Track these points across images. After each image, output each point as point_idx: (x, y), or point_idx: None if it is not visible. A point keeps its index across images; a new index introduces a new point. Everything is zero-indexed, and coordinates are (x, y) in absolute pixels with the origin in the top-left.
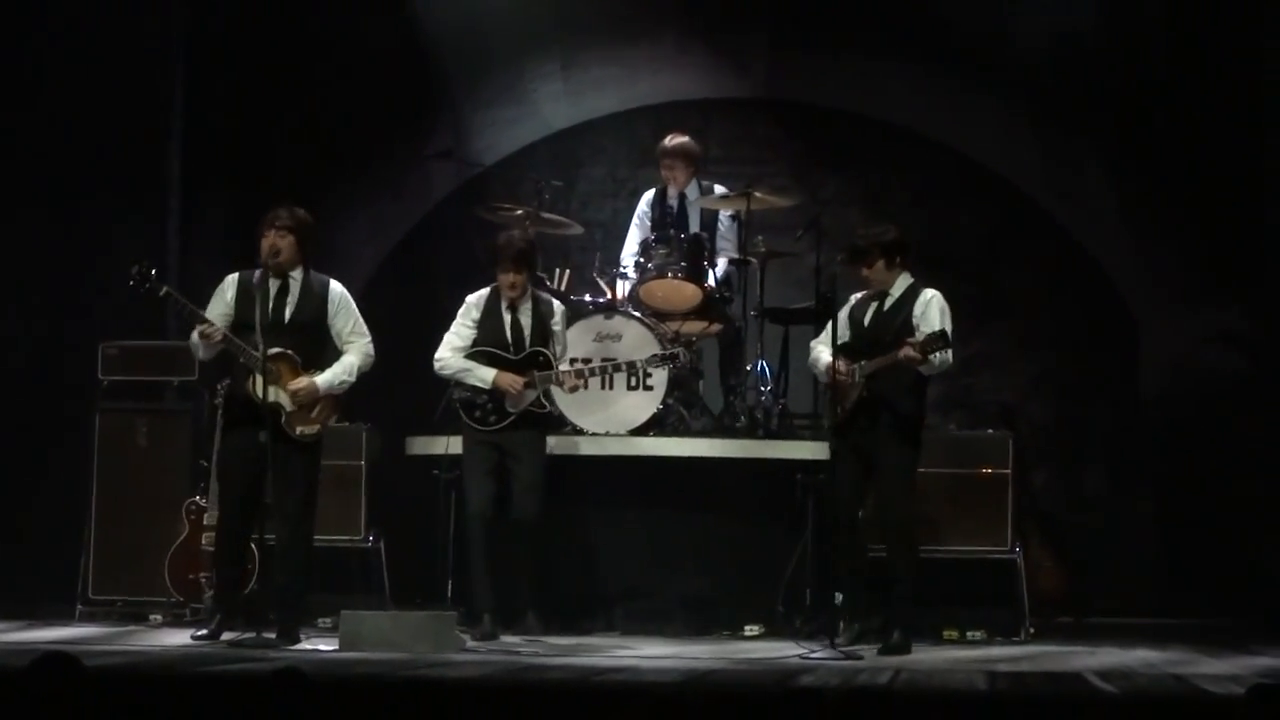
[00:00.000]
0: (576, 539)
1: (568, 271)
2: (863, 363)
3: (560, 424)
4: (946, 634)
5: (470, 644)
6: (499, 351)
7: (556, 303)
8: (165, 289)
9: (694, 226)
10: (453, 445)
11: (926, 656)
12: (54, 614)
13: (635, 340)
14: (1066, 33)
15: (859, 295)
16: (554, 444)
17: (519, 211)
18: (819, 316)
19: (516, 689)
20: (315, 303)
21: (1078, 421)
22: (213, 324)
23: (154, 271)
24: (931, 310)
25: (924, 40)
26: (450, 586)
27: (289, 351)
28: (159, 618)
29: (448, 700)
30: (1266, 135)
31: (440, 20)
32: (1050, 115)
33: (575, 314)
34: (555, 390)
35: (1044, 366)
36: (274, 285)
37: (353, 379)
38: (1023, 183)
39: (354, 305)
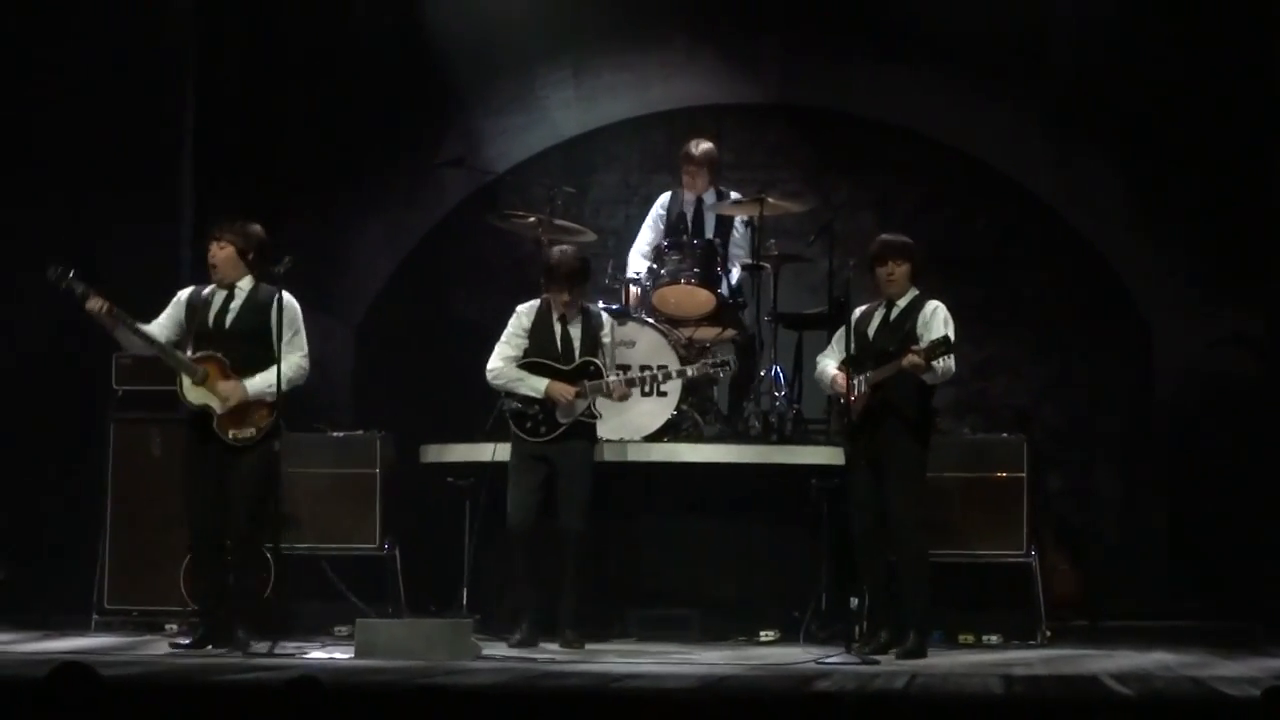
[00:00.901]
0: (592, 545)
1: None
2: (868, 374)
3: None
4: (962, 638)
5: (508, 649)
6: (550, 362)
7: (606, 315)
8: (82, 288)
9: (709, 232)
10: (479, 454)
11: (942, 660)
12: (70, 624)
13: (649, 346)
14: (1078, 36)
15: (863, 308)
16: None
17: (531, 219)
18: (832, 321)
19: (533, 696)
20: (258, 313)
21: (1092, 425)
22: (101, 300)
23: (71, 272)
24: (935, 320)
25: (936, 44)
26: (465, 594)
27: (217, 354)
28: (175, 627)
29: (464, 708)
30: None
31: (451, 28)
32: (1062, 118)
33: None
34: (601, 400)
35: (1058, 370)
36: (221, 295)
37: (284, 388)
38: (1035, 186)
39: (298, 319)
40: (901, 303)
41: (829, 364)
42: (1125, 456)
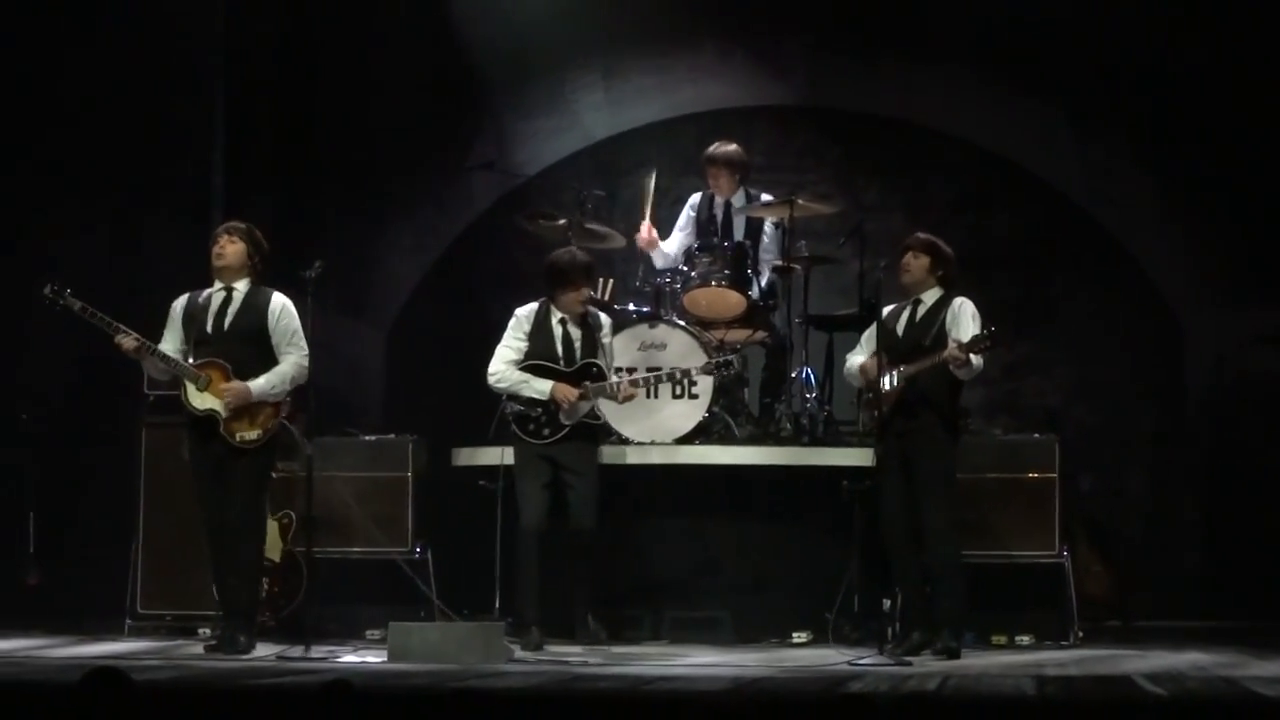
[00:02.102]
0: (624, 548)
1: (611, 281)
2: (901, 368)
3: (606, 433)
4: (995, 638)
5: (519, 654)
6: (551, 364)
7: (604, 316)
8: (80, 304)
9: (739, 235)
10: (505, 457)
11: (975, 661)
12: (103, 629)
13: (680, 349)
14: (1107, 34)
15: (891, 306)
16: (600, 453)
17: (561, 221)
18: (862, 323)
19: (565, 699)
20: (256, 313)
21: (1124, 425)
22: (128, 332)
23: (68, 290)
24: (963, 315)
25: (964, 44)
26: (498, 597)
27: (218, 359)
28: (207, 631)
29: (497, 711)
30: None
31: (482, 32)
32: (1092, 118)
33: (619, 323)
34: (604, 401)
35: (1089, 370)
36: (219, 298)
37: (287, 387)
38: (1065, 186)
39: (295, 318)
40: (928, 299)
41: (858, 358)
42: (1157, 456)
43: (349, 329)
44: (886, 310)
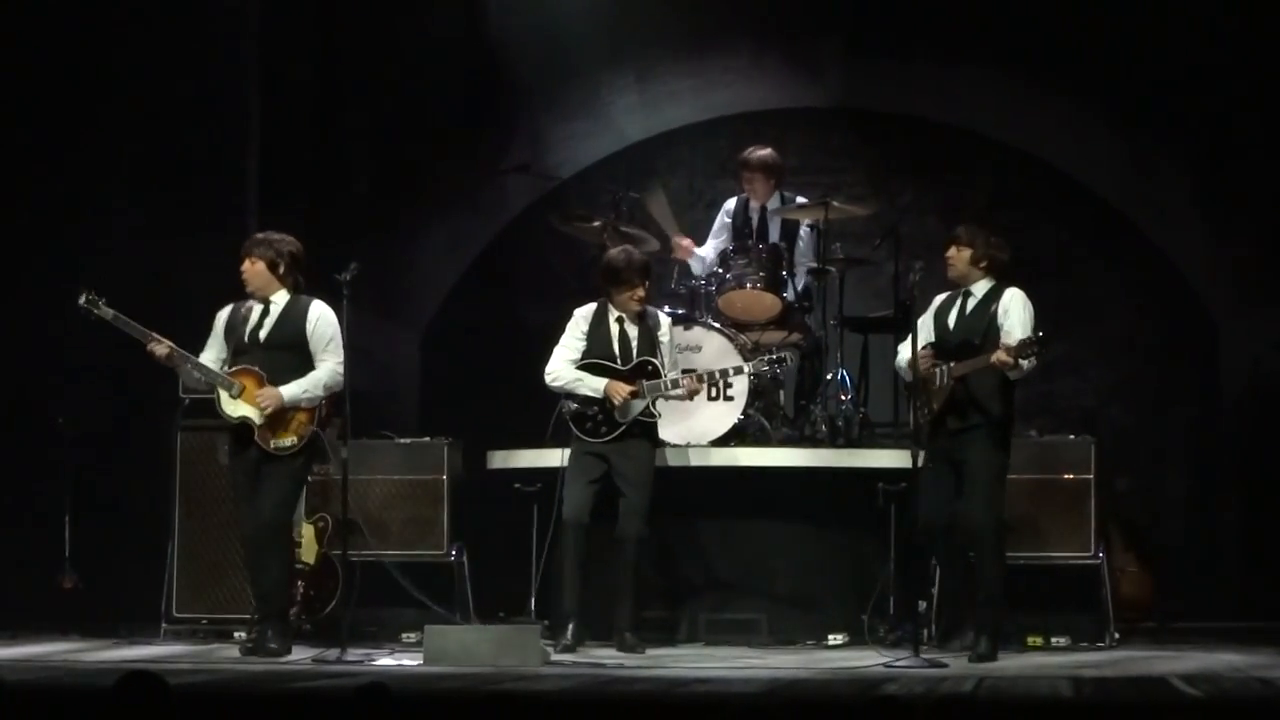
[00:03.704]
0: (660, 549)
1: (646, 282)
2: (951, 364)
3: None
4: (1031, 640)
5: (554, 655)
6: (607, 363)
7: (664, 316)
8: (113, 313)
9: (774, 237)
10: (547, 459)
11: (1011, 663)
12: (138, 633)
13: (715, 351)
14: (1143, 35)
15: (943, 296)
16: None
17: (596, 223)
18: (898, 325)
19: (602, 702)
20: (294, 323)
21: (1159, 425)
22: (160, 340)
23: (102, 300)
24: (1015, 306)
25: (998, 46)
26: (533, 600)
27: (252, 367)
28: (243, 635)
29: (532, 714)
30: None
31: (517, 34)
32: (1127, 119)
33: None
34: (661, 401)
35: (1125, 371)
36: (258, 310)
37: (320, 393)
38: (1100, 187)
39: (333, 325)
40: (978, 292)
41: (904, 350)
42: (1193, 457)
43: (384, 331)
44: (940, 299)
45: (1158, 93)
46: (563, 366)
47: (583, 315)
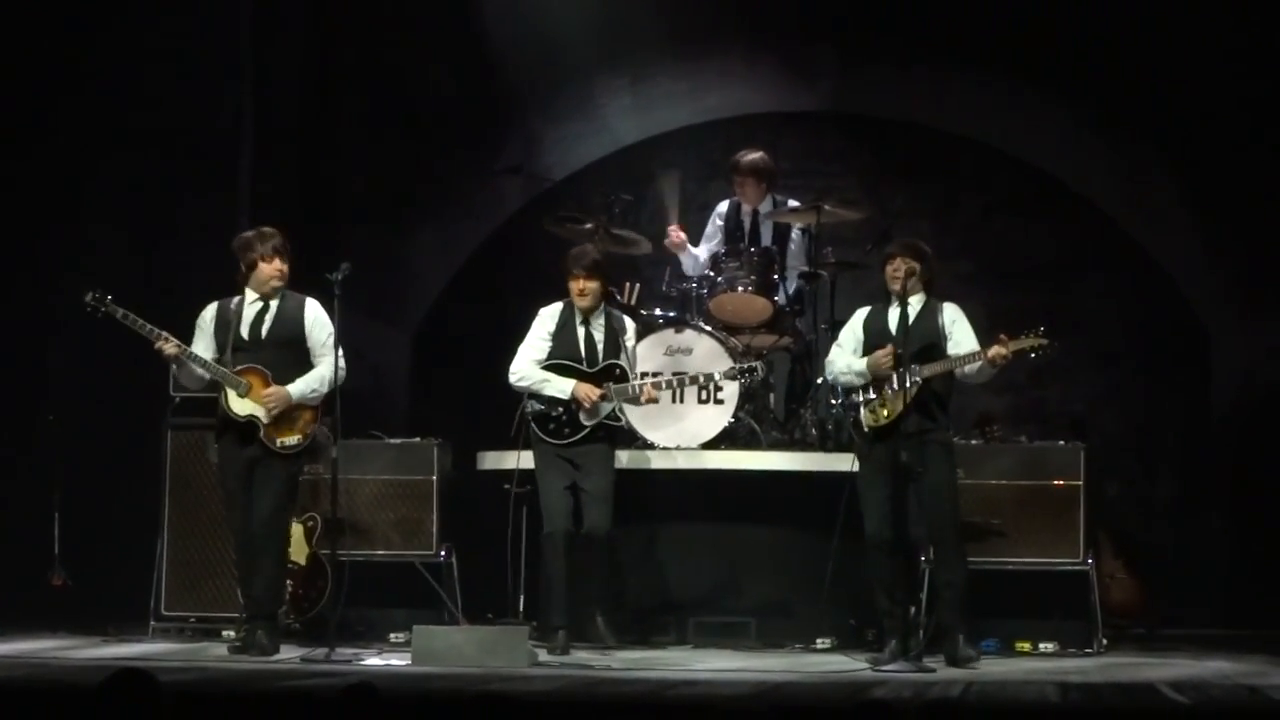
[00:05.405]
0: (648, 553)
1: (637, 285)
2: (915, 365)
3: (631, 438)
4: (1019, 646)
5: (544, 658)
6: (573, 364)
7: (628, 319)
8: (122, 312)
9: (766, 240)
10: (524, 460)
11: (999, 668)
12: (127, 631)
13: (706, 354)
14: (1137, 42)
15: (868, 308)
16: (625, 458)
17: (588, 225)
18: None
19: (590, 703)
20: (292, 320)
21: (1149, 433)
22: (168, 337)
23: (109, 298)
24: (960, 318)
25: (993, 51)
26: (522, 601)
27: (257, 366)
28: (232, 633)
29: (520, 715)
30: None
31: (511, 36)
32: (1120, 126)
33: (646, 328)
34: (630, 406)
35: (1115, 378)
36: (254, 307)
37: (324, 389)
38: (1093, 194)
39: (328, 323)
40: (915, 303)
41: (849, 358)
42: (1183, 464)
43: (375, 332)
44: (866, 311)
45: (1151, 100)
46: (528, 366)
47: (548, 314)
